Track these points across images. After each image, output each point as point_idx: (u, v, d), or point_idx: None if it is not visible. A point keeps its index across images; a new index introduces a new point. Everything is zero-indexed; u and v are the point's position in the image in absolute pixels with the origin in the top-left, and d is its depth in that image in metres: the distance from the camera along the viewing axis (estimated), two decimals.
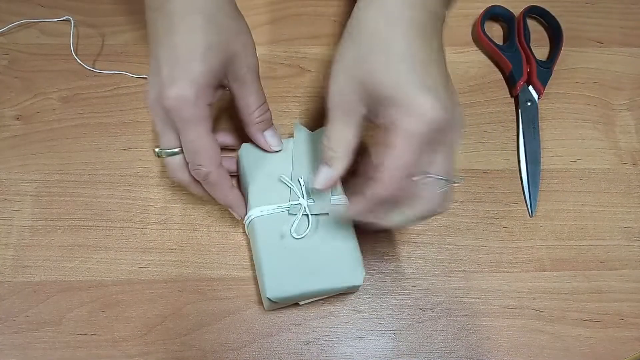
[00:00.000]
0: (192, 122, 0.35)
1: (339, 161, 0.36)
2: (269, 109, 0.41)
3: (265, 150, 0.41)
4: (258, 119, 0.40)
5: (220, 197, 0.39)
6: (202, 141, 0.35)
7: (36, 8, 0.52)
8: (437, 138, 0.32)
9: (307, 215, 0.39)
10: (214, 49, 0.35)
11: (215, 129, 0.40)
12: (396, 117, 0.32)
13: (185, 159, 0.37)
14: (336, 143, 0.35)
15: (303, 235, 0.39)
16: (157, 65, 0.35)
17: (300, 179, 0.40)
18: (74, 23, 0.51)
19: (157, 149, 0.38)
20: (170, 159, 0.37)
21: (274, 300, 0.37)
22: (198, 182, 0.38)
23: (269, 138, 0.41)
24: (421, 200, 0.34)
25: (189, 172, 0.37)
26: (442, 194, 0.34)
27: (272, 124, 0.41)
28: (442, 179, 0.33)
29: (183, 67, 0.34)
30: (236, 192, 0.40)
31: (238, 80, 0.38)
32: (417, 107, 0.31)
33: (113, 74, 0.49)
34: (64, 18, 0.50)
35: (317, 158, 0.42)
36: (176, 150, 0.37)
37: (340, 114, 0.35)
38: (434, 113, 0.31)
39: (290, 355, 0.41)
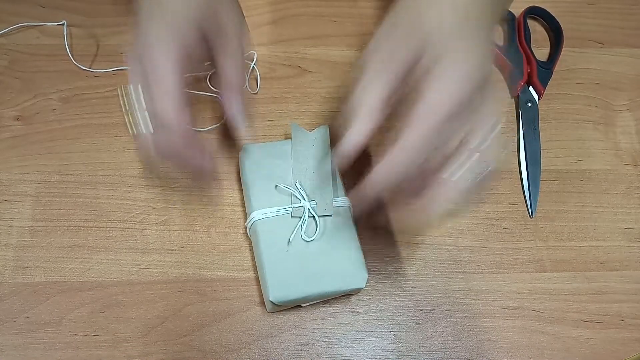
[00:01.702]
0: (163, 65, 0.33)
1: (362, 122, 0.32)
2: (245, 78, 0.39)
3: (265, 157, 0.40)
4: (236, 80, 0.38)
5: (185, 155, 0.36)
6: (165, 72, 0.33)
7: (36, 8, 0.52)
8: (475, 98, 0.32)
9: (314, 217, 0.39)
10: (206, 8, 0.35)
11: None
12: (444, 61, 0.31)
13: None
14: (362, 100, 0.32)
15: (313, 237, 0.39)
16: (138, 20, 0.35)
17: (297, 183, 0.40)
18: (66, 26, 0.51)
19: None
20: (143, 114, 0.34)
21: (277, 303, 0.37)
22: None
23: (234, 102, 0.38)
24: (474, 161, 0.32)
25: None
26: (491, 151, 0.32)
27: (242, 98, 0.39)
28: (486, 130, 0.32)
29: (163, 11, 0.34)
30: (205, 156, 0.37)
31: (221, 35, 0.37)
32: (468, 58, 0.31)
33: (114, 73, 0.49)
34: (60, 22, 0.50)
35: (317, 157, 0.42)
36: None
37: (375, 67, 0.33)
38: (481, 69, 0.31)
39: (291, 356, 0.41)
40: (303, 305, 0.41)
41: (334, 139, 0.48)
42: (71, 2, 0.52)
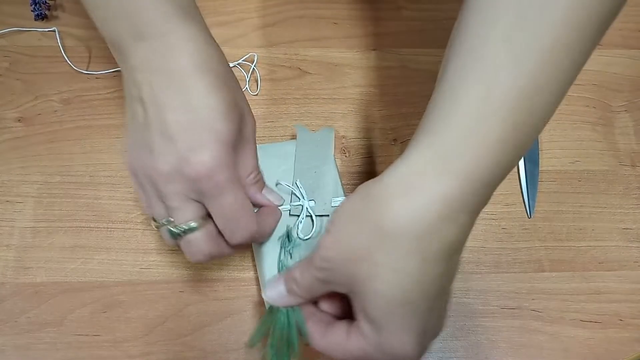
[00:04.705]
0: (229, 186, 0.32)
1: (297, 298, 0.33)
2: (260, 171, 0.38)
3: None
4: (256, 179, 0.37)
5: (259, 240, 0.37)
6: (242, 202, 0.33)
7: None
8: None
9: (311, 216, 0.39)
10: (232, 108, 0.32)
11: None
12: (371, 336, 0.29)
13: (210, 229, 0.33)
14: (304, 289, 0.32)
15: (309, 236, 0.39)
16: (166, 132, 0.31)
17: (297, 182, 0.40)
18: (69, 28, 0.51)
19: (172, 228, 0.32)
20: (194, 236, 0.33)
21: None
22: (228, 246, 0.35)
23: (269, 195, 0.38)
24: None
25: (218, 241, 0.34)
26: None
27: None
28: None
29: (208, 128, 0.31)
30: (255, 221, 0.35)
31: (243, 140, 0.35)
32: (396, 351, 0.28)
33: (114, 75, 0.49)
34: (50, 29, 0.51)
35: (319, 157, 0.42)
36: (194, 224, 0.32)
37: (321, 276, 0.30)
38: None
39: None
40: None
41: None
42: (72, 4, 0.53)
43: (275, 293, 0.33)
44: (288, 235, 0.38)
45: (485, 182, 0.26)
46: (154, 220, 0.34)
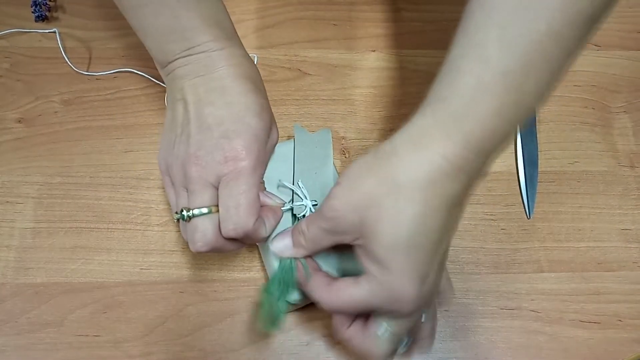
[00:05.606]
0: (248, 173, 0.34)
1: (302, 250, 0.35)
2: None
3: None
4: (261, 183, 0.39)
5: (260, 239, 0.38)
6: (252, 196, 0.34)
7: None
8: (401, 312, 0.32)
9: None
10: (265, 109, 0.37)
11: None
12: (377, 275, 0.31)
13: (217, 220, 0.35)
14: (310, 240, 0.34)
15: None
16: (204, 124, 0.35)
17: (299, 182, 0.41)
18: (69, 29, 0.51)
19: (185, 212, 0.35)
20: (202, 221, 0.34)
21: (293, 303, 0.38)
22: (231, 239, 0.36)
23: (272, 196, 0.38)
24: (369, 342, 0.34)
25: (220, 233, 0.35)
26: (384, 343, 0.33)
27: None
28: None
29: (243, 122, 0.35)
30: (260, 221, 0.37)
31: (267, 145, 0.38)
32: (397, 291, 0.31)
33: (115, 76, 0.50)
34: (51, 30, 0.51)
35: (319, 158, 0.42)
36: (205, 210, 0.34)
37: (328, 226, 0.33)
38: (409, 304, 0.31)
39: (291, 355, 0.41)
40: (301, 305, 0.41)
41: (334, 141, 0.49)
42: (74, 5, 0.53)
43: (281, 244, 0.36)
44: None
45: (481, 148, 0.29)
46: (176, 213, 0.36)
